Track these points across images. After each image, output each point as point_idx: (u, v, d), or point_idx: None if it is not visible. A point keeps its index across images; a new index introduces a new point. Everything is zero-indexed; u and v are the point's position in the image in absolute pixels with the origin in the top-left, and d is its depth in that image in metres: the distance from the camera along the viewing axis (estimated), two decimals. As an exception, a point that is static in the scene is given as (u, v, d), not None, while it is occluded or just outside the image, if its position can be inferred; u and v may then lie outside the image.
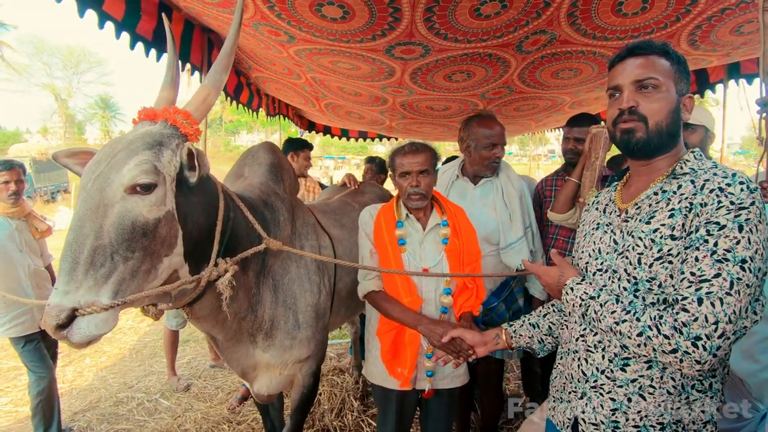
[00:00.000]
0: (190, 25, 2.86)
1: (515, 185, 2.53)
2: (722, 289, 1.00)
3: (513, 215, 2.47)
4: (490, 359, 2.59)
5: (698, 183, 1.12)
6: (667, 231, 1.13)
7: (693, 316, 1.01)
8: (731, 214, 1.03)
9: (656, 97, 1.19)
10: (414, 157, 2.00)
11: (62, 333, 1.19)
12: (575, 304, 1.25)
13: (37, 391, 3.05)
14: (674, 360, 1.04)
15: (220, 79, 1.64)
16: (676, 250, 1.11)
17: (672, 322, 1.04)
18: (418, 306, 1.96)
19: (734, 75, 3.58)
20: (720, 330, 1.00)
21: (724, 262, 1.01)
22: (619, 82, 1.24)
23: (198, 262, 1.56)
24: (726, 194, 1.06)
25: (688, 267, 1.06)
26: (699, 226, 1.07)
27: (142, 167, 1.33)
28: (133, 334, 5.71)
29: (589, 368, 1.27)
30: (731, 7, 2.21)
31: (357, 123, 5.58)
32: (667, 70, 1.20)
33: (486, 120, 2.47)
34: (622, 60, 1.25)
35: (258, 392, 2.20)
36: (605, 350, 1.23)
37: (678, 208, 1.13)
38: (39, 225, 3.24)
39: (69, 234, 1.26)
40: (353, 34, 2.42)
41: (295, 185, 2.48)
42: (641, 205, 1.23)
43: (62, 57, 40.36)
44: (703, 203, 1.08)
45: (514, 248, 2.45)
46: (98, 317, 1.22)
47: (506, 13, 2.21)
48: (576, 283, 1.27)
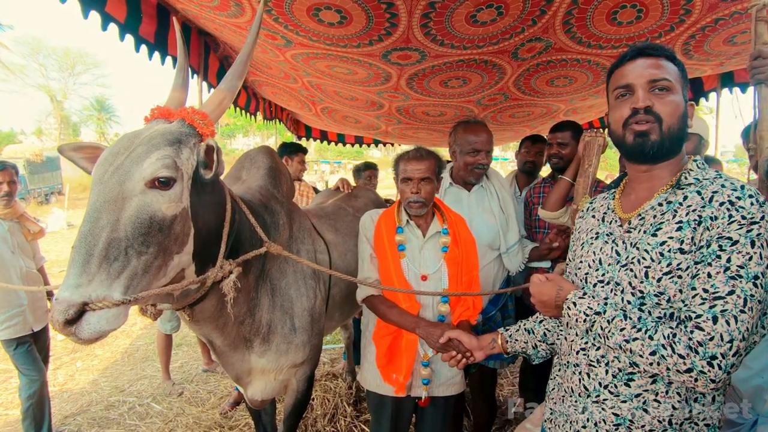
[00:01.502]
0: (188, 28, 2.86)
1: (507, 190, 2.60)
2: (736, 307, 0.99)
3: (509, 219, 2.52)
4: (485, 369, 2.59)
5: (705, 194, 1.10)
6: (675, 244, 1.10)
7: (709, 335, 0.99)
8: (743, 230, 1.02)
9: (669, 99, 1.16)
10: (417, 164, 1.99)
11: (70, 329, 1.16)
12: (578, 320, 1.20)
13: (28, 394, 3.02)
14: (689, 379, 1.02)
15: (236, 84, 1.66)
16: (685, 264, 1.08)
17: (687, 341, 1.01)
18: (416, 311, 1.96)
19: (728, 84, 3.62)
20: (735, 348, 0.98)
21: (738, 278, 1.00)
22: (631, 81, 1.20)
23: (204, 263, 1.57)
24: (737, 208, 1.04)
25: (701, 283, 1.04)
26: (710, 240, 1.05)
27: (163, 161, 1.33)
28: (125, 337, 5.67)
29: (591, 383, 1.24)
30: (725, 17, 2.23)
31: (353, 127, 5.59)
32: (676, 74, 1.19)
33: (472, 126, 2.48)
34: (632, 59, 1.22)
35: (252, 397, 2.19)
36: (609, 365, 1.20)
37: (686, 221, 1.10)
38: (31, 227, 3.22)
39: (83, 225, 1.24)
40: (350, 39, 2.43)
41: (292, 189, 2.48)
42: (645, 216, 1.20)
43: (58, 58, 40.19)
44: (713, 217, 1.06)
45: (513, 251, 2.50)
46: (109, 313, 1.20)
47: (502, 20, 2.22)
48: (578, 298, 1.22)
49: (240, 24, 2.50)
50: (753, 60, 1.71)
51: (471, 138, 2.44)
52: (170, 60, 2.78)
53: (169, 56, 2.77)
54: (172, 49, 2.73)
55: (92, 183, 1.33)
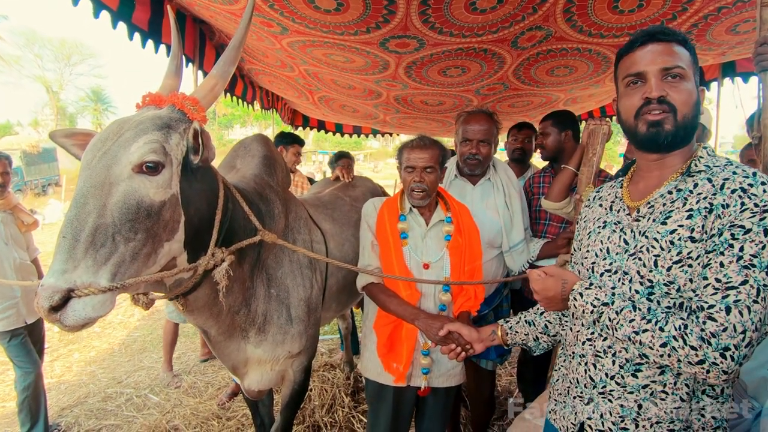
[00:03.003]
0: (182, 16, 2.81)
1: (515, 185, 2.51)
2: (750, 297, 0.97)
3: (514, 216, 2.45)
4: (482, 371, 2.57)
5: (716, 182, 1.07)
6: (685, 233, 1.07)
7: (722, 326, 0.97)
8: (756, 218, 0.99)
9: (683, 87, 1.12)
10: (420, 153, 1.98)
11: (55, 315, 1.14)
12: (585, 311, 1.17)
13: (23, 387, 3.01)
14: (701, 370, 1.00)
15: (228, 70, 1.64)
16: (695, 252, 1.06)
17: (699, 332, 0.99)
18: (416, 300, 1.95)
19: (729, 73, 3.60)
20: (747, 339, 0.96)
21: (751, 268, 0.98)
22: (643, 69, 1.15)
23: (196, 252, 1.55)
24: (749, 195, 1.01)
25: (713, 273, 1.01)
26: (722, 229, 1.02)
27: (151, 146, 1.32)
28: (122, 328, 5.66)
29: (597, 374, 1.22)
30: (728, 5, 2.20)
31: (350, 117, 5.55)
32: (688, 60, 1.14)
33: (472, 116, 2.42)
34: (642, 45, 1.16)
35: (248, 388, 2.18)
36: (616, 355, 1.18)
37: (697, 209, 1.07)
38: (25, 218, 3.20)
39: (70, 211, 1.23)
40: (347, 27, 2.39)
41: (287, 179, 2.45)
42: (654, 204, 1.17)
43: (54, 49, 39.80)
44: (724, 204, 1.03)
45: (517, 249, 2.44)
46: (95, 299, 1.18)
47: (502, 8, 2.18)
48: (585, 288, 1.19)
49: (234, 11, 2.46)
50: (759, 46, 1.68)
51: (464, 127, 2.40)
52: (164, 48, 2.73)
53: (163, 44, 2.71)
54: (166, 37, 2.68)
55: (80, 168, 1.32)
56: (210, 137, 1.49)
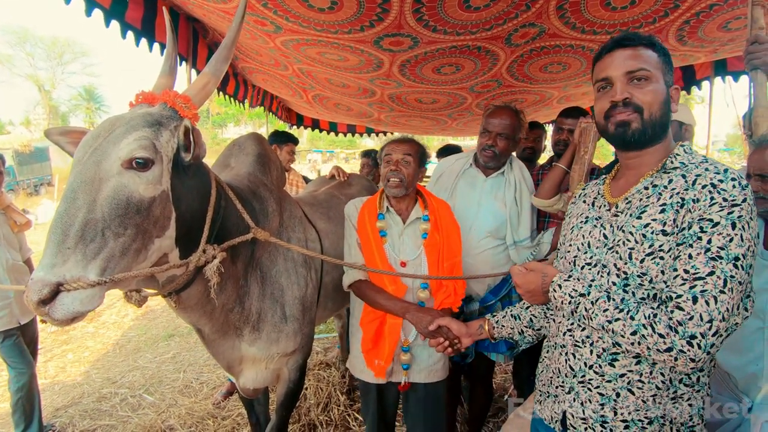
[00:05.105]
0: (176, 14, 2.80)
1: (529, 185, 2.53)
2: (716, 287, 1.00)
3: (522, 213, 2.47)
4: (481, 356, 2.58)
5: (689, 178, 1.12)
6: (658, 226, 1.12)
7: (688, 314, 1.01)
8: (724, 211, 1.03)
9: (648, 88, 1.18)
10: (398, 145, 2.06)
11: (44, 309, 1.15)
12: (564, 302, 1.23)
13: (17, 387, 2.99)
14: (669, 358, 1.04)
15: (221, 68, 1.65)
16: (667, 245, 1.10)
17: (667, 320, 1.03)
18: (403, 293, 1.98)
19: (721, 72, 3.60)
20: (714, 328, 1.00)
21: (718, 259, 1.01)
22: (609, 74, 1.22)
23: (188, 249, 1.56)
24: (719, 191, 1.05)
25: (682, 264, 1.05)
26: (692, 222, 1.06)
27: (140, 142, 1.33)
28: (116, 329, 5.63)
29: (576, 363, 1.27)
30: (719, 3, 2.21)
31: (345, 115, 5.54)
32: (655, 62, 1.20)
33: (497, 109, 2.47)
34: (609, 52, 1.24)
35: (243, 386, 2.18)
36: (593, 345, 1.23)
37: (669, 203, 1.12)
38: (18, 218, 3.16)
39: (60, 206, 1.23)
40: (341, 25, 2.39)
41: (282, 177, 2.45)
42: (631, 200, 1.22)
43: (46, 47, 39.54)
44: (695, 199, 1.07)
45: (522, 244, 2.46)
46: (84, 293, 1.18)
47: (496, 6, 2.19)
48: (563, 280, 1.25)
49: (227, 9, 2.45)
50: (749, 45, 1.69)
51: (487, 119, 2.46)
52: (158, 47, 2.72)
53: (157, 43, 2.70)
54: (159, 35, 2.67)
55: (72, 164, 1.33)
56: (201, 134, 1.50)
